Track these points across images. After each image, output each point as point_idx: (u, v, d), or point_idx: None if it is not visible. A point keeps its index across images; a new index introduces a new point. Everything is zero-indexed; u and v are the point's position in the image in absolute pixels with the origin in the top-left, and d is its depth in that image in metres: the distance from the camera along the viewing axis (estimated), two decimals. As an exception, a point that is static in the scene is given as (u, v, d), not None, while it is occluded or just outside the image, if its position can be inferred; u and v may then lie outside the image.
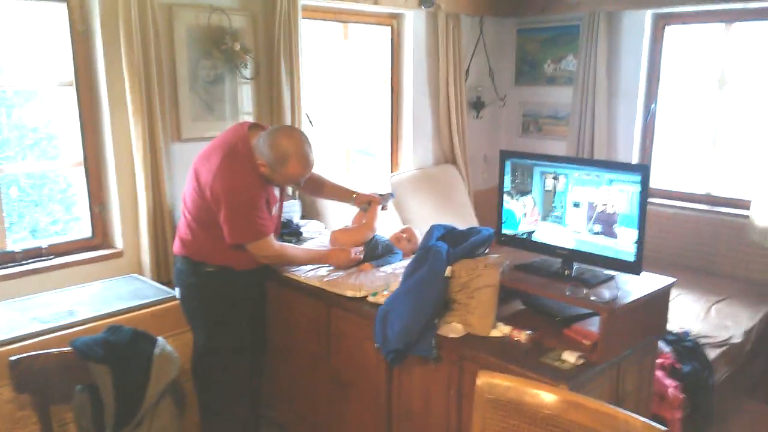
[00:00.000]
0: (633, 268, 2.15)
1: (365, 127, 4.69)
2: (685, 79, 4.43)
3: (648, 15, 4.35)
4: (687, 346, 2.96)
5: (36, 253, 2.97)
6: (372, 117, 4.68)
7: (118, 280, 3.02)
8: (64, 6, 2.98)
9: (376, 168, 4.68)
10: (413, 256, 2.51)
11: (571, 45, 4.73)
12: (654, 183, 4.56)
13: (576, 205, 2.29)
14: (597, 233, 2.24)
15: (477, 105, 4.96)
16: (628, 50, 4.45)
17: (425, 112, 4.66)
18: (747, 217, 3.93)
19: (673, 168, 4.59)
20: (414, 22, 4.43)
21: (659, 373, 2.69)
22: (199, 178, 2.56)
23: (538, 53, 4.98)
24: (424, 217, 4.34)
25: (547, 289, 2.21)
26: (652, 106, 4.49)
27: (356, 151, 4.76)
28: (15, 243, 2.98)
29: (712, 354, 3.07)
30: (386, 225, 3.51)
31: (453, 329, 2.28)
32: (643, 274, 2.20)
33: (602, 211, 2.22)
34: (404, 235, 3.04)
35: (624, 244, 2.16)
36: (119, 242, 3.18)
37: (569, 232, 2.32)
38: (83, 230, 3.21)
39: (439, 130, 4.73)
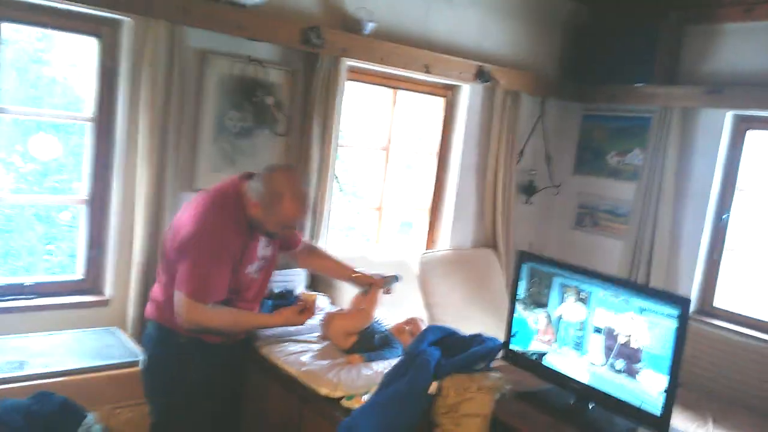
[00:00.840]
0: (658, 425, 1.71)
1: (406, 199, 4.42)
2: (766, 190, 3.93)
3: (728, 116, 3.92)
4: None
5: (17, 290, 2.80)
6: (414, 189, 4.41)
7: (95, 332, 2.80)
8: (95, 41, 2.90)
9: (410, 243, 4.37)
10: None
11: (640, 138, 4.33)
12: (719, 302, 4.02)
13: (598, 331, 1.90)
14: (619, 371, 1.82)
15: (529, 189, 4.59)
16: (703, 151, 4.01)
17: (470, 190, 4.34)
18: (827, 360, 3.33)
19: (742, 289, 4.03)
20: (470, 95, 4.18)
21: None
22: (177, 222, 2.34)
23: (602, 142, 4.60)
24: (452, 302, 3.97)
25: (547, 434, 1.80)
26: (725, 215, 3.99)
27: (403, 224, 4.50)
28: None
29: None
30: (398, 309, 3.17)
31: (428, 461, 1.89)
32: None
33: (625, 344, 1.81)
34: (408, 327, 2.68)
35: (649, 390, 1.73)
36: (109, 290, 2.99)
37: (586, 363, 1.91)
38: (76, 270, 3.03)
39: (483, 211, 4.39)
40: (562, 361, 1.99)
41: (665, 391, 1.70)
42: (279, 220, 2.29)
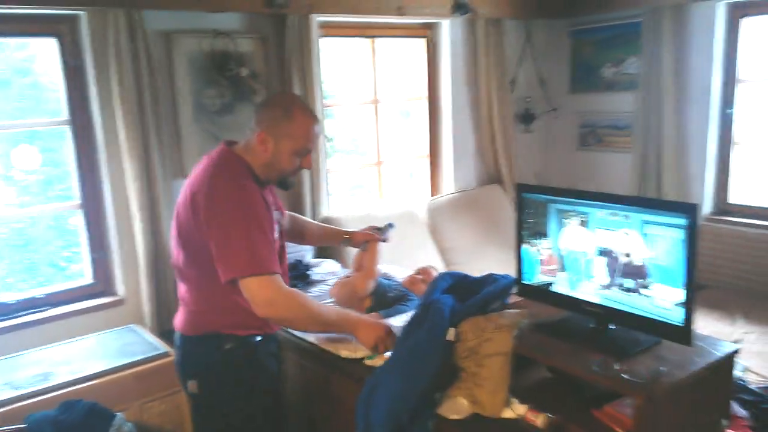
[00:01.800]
0: (681, 335, 1.67)
1: (406, 149, 4.33)
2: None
3: (720, 6, 3.75)
4: (771, 411, 2.38)
5: (31, 304, 2.81)
6: (412, 138, 4.32)
7: (114, 332, 2.80)
8: (54, 41, 2.81)
9: (415, 192, 4.31)
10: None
11: (632, 45, 4.18)
12: (734, 198, 3.94)
13: (602, 253, 1.84)
14: (629, 290, 1.78)
15: (526, 118, 4.48)
16: (699, 48, 3.85)
17: (466, 129, 4.25)
18: None
19: (756, 181, 3.94)
20: (450, 31, 4.04)
21: (731, 452, 2.16)
22: (185, 208, 1.91)
23: (594, 57, 4.45)
24: (464, 244, 3.93)
25: (570, 362, 1.77)
26: (729, 110, 3.86)
27: (410, 174, 4.43)
28: (12, 291, 2.83)
29: (805, 418, 2.47)
30: (412, 260, 3.13)
31: (457, 407, 1.87)
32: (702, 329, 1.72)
33: (628, 262, 1.75)
34: (420, 277, 2.63)
35: (664, 305, 1.69)
36: (121, 289, 2.98)
37: (595, 287, 1.87)
38: (85, 275, 3.03)
39: (482, 148, 4.30)
40: (570, 288, 1.94)
41: (683, 303, 1.65)
42: (295, 144, 1.93)
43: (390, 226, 2.55)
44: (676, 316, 1.67)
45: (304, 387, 2.42)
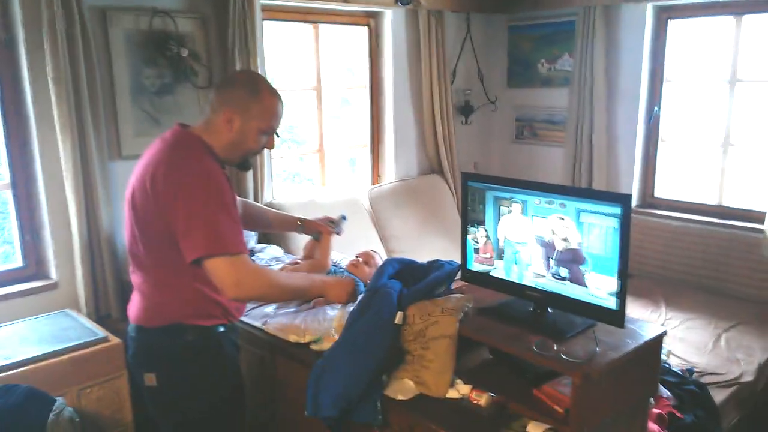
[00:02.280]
0: (615, 318, 1.78)
1: (344, 137, 4.35)
2: (692, 78, 4.02)
3: (649, 8, 3.94)
4: (691, 390, 2.57)
5: (-43, 288, 2.67)
6: (350, 126, 4.34)
7: (48, 317, 2.69)
8: (-18, 13, 2.66)
9: (357, 181, 4.33)
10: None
11: (567, 43, 4.34)
12: (659, 192, 4.18)
13: (538, 240, 1.93)
14: (563, 279, 1.87)
15: (465, 110, 4.58)
16: (628, 48, 4.05)
17: (408, 119, 4.30)
18: (762, 231, 3.52)
19: (679, 176, 4.19)
20: (393, 21, 4.07)
21: (655, 428, 2.31)
22: (142, 192, 1.80)
23: (531, 52, 4.59)
24: (406, 232, 3.99)
25: (511, 343, 1.85)
26: (656, 108, 4.09)
27: (351, 161, 4.44)
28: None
29: (719, 396, 2.68)
30: (354, 247, 3.16)
31: (403, 388, 1.92)
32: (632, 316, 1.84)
33: (564, 249, 1.84)
34: (360, 260, 2.67)
35: (598, 293, 1.79)
36: (54, 273, 2.87)
37: (531, 275, 1.95)
38: (16, 259, 2.90)
39: (423, 138, 4.37)
40: (507, 275, 2.03)
41: (617, 289, 1.75)
42: (261, 122, 1.88)
43: (343, 218, 2.56)
44: (611, 301, 1.77)
45: (251, 370, 2.41)
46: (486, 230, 2.05)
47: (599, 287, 1.78)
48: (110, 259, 2.87)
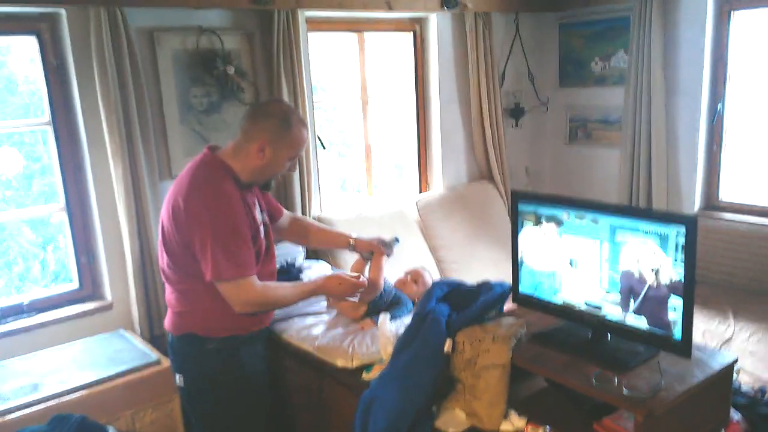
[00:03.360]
0: (680, 349, 1.66)
1: (394, 144, 4.29)
2: (759, 72, 3.77)
3: (710, 0, 3.73)
4: (763, 414, 2.40)
5: (16, 311, 2.74)
6: (398, 134, 4.28)
7: (103, 338, 2.74)
8: (34, 39, 2.72)
9: (404, 189, 4.27)
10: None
11: (622, 39, 4.15)
12: (724, 195, 3.95)
13: (620, 272, 1.82)
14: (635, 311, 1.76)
15: (516, 112, 4.45)
16: (688, 42, 3.83)
17: (456, 125, 4.21)
18: (839, 236, 3.28)
19: (746, 177, 3.95)
20: (438, 25, 3.99)
21: (726, 456, 2.16)
22: (167, 212, 2.04)
23: (583, 50, 4.42)
24: (456, 242, 3.90)
25: (567, 374, 1.75)
26: (719, 105, 3.86)
27: (396, 166, 4.39)
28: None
29: (796, 419, 2.49)
30: (403, 259, 3.11)
31: (454, 420, 1.86)
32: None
33: (655, 286, 1.70)
34: (409, 277, 2.61)
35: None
36: (108, 294, 2.92)
37: (592, 298, 1.85)
38: (72, 280, 2.96)
39: (472, 143, 4.27)
40: (574, 295, 1.93)
41: (681, 318, 1.64)
42: (290, 152, 2.07)
43: (396, 241, 2.53)
44: (675, 331, 1.65)
45: (297, 392, 2.39)
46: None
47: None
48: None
